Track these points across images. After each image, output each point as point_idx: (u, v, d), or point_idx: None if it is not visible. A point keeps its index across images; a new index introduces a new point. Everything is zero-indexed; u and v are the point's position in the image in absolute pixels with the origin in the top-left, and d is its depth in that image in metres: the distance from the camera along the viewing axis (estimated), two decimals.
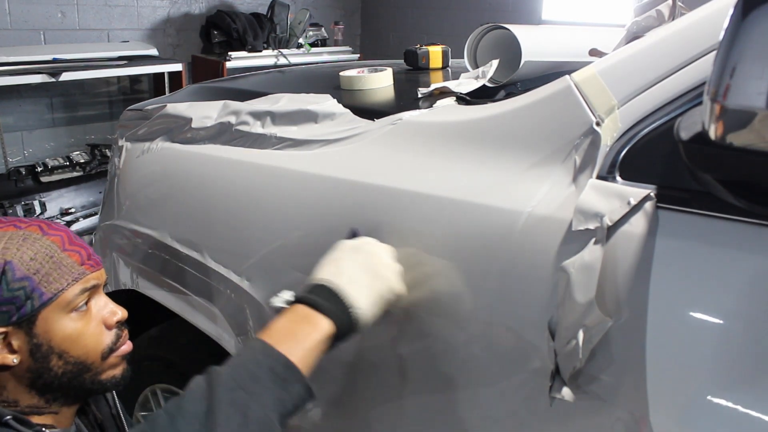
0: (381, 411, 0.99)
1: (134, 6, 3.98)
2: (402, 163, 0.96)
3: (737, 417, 0.64)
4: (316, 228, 1.02)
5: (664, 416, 0.69)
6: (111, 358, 0.88)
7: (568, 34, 1.47)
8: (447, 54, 1.61)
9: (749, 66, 0.57)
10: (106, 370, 0.88)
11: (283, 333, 0.79)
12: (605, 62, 0.81)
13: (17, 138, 3.48)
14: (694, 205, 0.70)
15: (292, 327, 0.80)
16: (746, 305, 0.66)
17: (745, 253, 0.67)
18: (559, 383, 0.74)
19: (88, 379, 0.86)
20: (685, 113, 0.71)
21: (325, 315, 0.81)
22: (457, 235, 0.86)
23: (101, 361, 0.86)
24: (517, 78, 1.19)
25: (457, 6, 4.46)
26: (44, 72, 2.98)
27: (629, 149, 0.75)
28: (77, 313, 0.84)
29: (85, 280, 0.85)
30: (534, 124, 0.85)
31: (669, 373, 0.69)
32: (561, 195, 0.79)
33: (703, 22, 0.76)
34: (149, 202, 1.35)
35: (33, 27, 3.57)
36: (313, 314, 0.81)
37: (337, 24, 4.72)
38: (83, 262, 0.85)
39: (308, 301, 0.82)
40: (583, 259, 0.72)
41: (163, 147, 1.32)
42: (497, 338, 0.83)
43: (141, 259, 1.35)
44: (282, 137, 1.12)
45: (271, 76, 1.73)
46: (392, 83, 1.35)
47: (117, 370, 0.89)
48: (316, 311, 0.81)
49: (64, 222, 3.10)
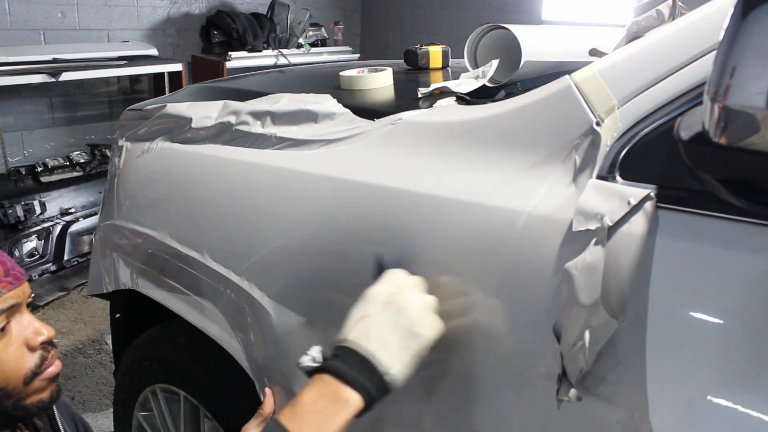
0: (381, 414, 0.99)
1: (134, 6, 3.98)
2: (402, 163, 0.96)
3: (737, 417, 0.64)
4: (316, 228, 1.02)
5: (664, 416, 0.69)
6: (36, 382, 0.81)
7: (568, 34, 1.47)
8: (447, 54, 1.61)
9: (749, 66, 0.57)
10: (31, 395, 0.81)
11: (308, 413, 0.73)
12: (605, 62, 0.81)
13: (17, 138, 3.48)
14: (694, 205, 0.69)
15: (320, 407, 0.74)
16: (746, 305, 0.66)
17: (745, 253, 0.67)
18: (566, 386, 0.74)
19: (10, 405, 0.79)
20: (685, 113, 0.71)
21: (354, 389, 0.75)
22: (457, 234, 0.86)
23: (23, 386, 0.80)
24: (517, 78, 1.19)
25: (457, 6, 4.46)
26: (44, 72, 2.99)
27: (629, 149, 0.75)
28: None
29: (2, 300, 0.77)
30: (534, 124, 0.85)
31: (669, 373, 0.69)
32: (561, 195, 0.79)
33: (703, 22, 0.76)
34: (149, 202, 1.35)
35: (33, 27, 3.57)
36: (343, 389, 0.75)
37: (337, 24, 4.72)
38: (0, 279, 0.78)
39: (338, 371, 0.76)
40: (586, 261, 0.72)
41: (163, 147, 1.32)
42: (497, 339, 0.83)
43: (141, 259, 1.35)
44: (282, 137, 1.11)
45: (271, 76, 1.73)
46: (392, 83, 1.35)
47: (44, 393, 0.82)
48: (346, 385, 0.75)
49: (64, 222, 3.10)
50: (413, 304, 0.80)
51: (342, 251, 0.99)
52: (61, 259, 3.09)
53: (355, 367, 0.75)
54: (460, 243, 0.85)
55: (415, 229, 0.90)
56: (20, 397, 0.80)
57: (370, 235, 0.95)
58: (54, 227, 3.07)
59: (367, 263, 0.95)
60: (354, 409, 0.75)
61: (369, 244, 0.95)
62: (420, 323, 0.79)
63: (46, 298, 2.97)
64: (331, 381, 0.75)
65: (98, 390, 2.39)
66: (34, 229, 2.99)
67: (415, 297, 0.81)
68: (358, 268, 0.96)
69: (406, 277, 0.84)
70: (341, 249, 0.99)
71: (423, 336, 0.79)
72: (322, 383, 0.76)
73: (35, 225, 3.00)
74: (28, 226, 2.96)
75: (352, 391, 0.75)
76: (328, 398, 0.74)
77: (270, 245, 1.08)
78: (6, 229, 2.88)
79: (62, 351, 2.56)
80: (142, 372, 1.46)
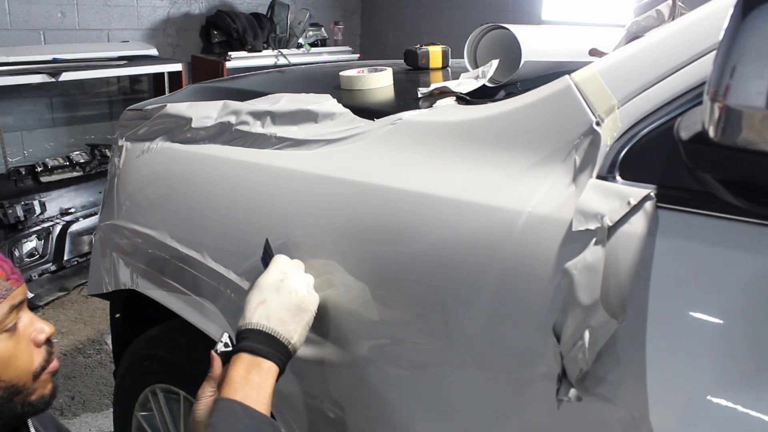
0: (381, 415, 0.99)
1: (134, 6, 3.98)
2: (402, 163, 0.96)
3: (737, 417, 0.64)
4: (316, 228, 1.02)
5: (664, 416, 0.69)
6: (42, 376, 0.84)
7: (568, 34, 1.47)
8: (447, 54, 1.61)
9: (749, 66, 0.57)
10: (38, 389, 0.85)
11: (245, 385, 0.87)
12: (605, 62, 0.81)
13: (17, 138, 3.48)
14: (694, 205, 0.69)
15: (249, 378, 0.88)
16: (746, 305, 0.66)
17: (745, 253, 0.67)
18: (566, 386, 0.74)
19: (18, 402, 0.82)
20: (685, 113, 0.71)
21: (269, 359, 0.90)
22: (457, 234, 0.86)
23: (32, 381, 0.83)
24: (517, 78, 1.19)
25: (457, 6, 4.46)
26: (44, 72, 2.99)
27: (629, 149, 0.75)
28: (6, 334, 0.80)
29: (12, 297, 0.80)
30: (534, 124, 0.85)
31: (669, 373, 0.69)
32: (561, 195, 0.79)
33: (703, 22, 0.76)
34: (149, 202, 1.35)
35: (33, 27, 3.57)
36: (262, 361, 0.90)
37: (337, 24, 4.72)
38: (8, 276, 0.81)
39: (252, 349, 0.90)
40: (586, 260, 0.72)
41: (163, 147, 1.32)
42: (497, 338, 0.83)
43: (141, 259, 1.35)
44: (282, 137, 1.11)
45: (271, 76, 1.73)
46: (392, 83, 1.35)
47: (47, 388, 0.86)
48: (263, 357, 0.90)
49: (64, 222, 3.10)
50: (299, 287, 0.96)
51: (342, 251, 0.99)
52: (61, 259, 3.09)
53: (264, 343, 0.91)
54: (459, 243, 0.85)
55: (414, 229, 0.90)
56: (28, 392, 0.83)
57: (370, 235, 0.95)
58: (54, 227, 3.07)
59: (367, 263, 0.95)
60: (275, 374, 0.91)
61: (369, 244, 0.95)
62: (306, 300, 0.96)
63: (46, 298, 2.97)
64: (250, 357, 0.90)
65: (98, 390, 2.39)
66: (34, 229, 2.99)
67: (300, 280, 0.97)
68: (358, 268, 0.96)
69: (289, 262, 1.00)
70: (341, 249, 0.99)
71: (310, 310, 0.96)
72: (244, 361, 0.90)
73: (35, 225, 3.00)
74: (28, 226, 2.96)
75: (269, 362, 0.90)
76: (254, 370, 0.89)
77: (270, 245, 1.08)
78: (6, 229, 2.88)
79: (62, 351, 2.56)
80: (142, 372, 1.46)
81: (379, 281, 0.94)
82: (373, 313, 0.96)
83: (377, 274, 0.94)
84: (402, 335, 0.94)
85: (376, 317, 0.96)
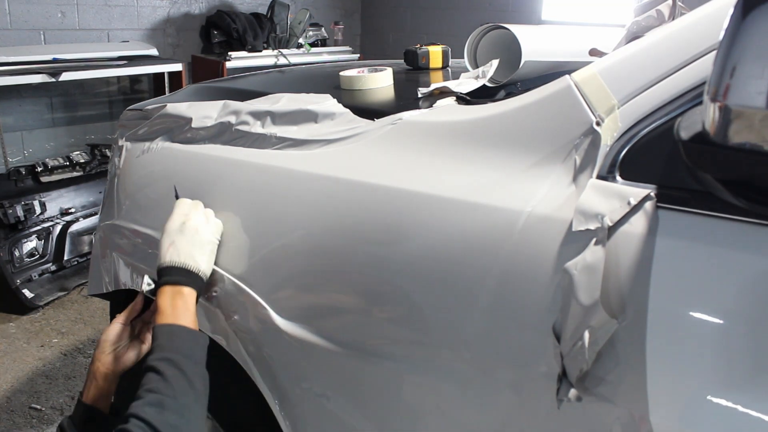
0: (381, 415, 0.99)
1: (134, 6, 3.98)
2: (402, 163, 0.96)
3: (737, 417, 0.64)
4: (316, 228, 1.02)
5: (664, 416, 0.69)
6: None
7: (568, 34, 1.47)
8: (447, 54, 1.61)
9: (749, 66, 0.57)
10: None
11: (173, 310, 1.03)
12: (605, 62, 0.81)
13: (17, 138, 3.48)
14: (694, 205, 0.69)
15: (177, 304, 1.04)
16: (746, 305, 0.66)
17: (745, 253, 0.67)
18: (566, 386, 0.74)
19: None
20: (685, 113, 0.71)
21: (187, 286, 1.06)
22: (457, 234, 0.86)
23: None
24: (517, 78, 1.19)
25: (457, 6, 4.46)
26: (44, 72, 2.98)
27: (629, 149, 0.75)
28: None
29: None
30: (534, 124, 0.85)
31: (669, 373, 0.69)
32: (561, 195, 0.79)
33: (703, 22, 0.76)
34: (149, 202, 1.35)
35: (33, 27, 3.57)
36: (182, 289, 1.06)
37: (337, 24, 4.73)
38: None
39: (172, 281, 1.06)
40: (586, 260, 0.72)
41: (163, 147, 1.32)
42: (497, 338, 0.83)
43: (141, 259, 1.35)
44: (282, 137, 1.12)
45: (271, 76, 1.73)
46: (392, 83, 1.35)
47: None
48: (181, 286, 1.06)
49: (64, 222, 3.10)
50: (199, 225, 1.12)
51: (342, 251, 0.99)
52: (61, 259, 3.09)
53: (180, 275, 1.07)
54: (460, 243, 0.85)
55: (415, 229, 0.90)
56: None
57: (370, 235, 0.95)
58: (54, 227, 3.07)
59: (367, 263, 0.95)
60: (195, 297, 1.07)
61: (369, 244, 0.95)
62: (208, 233, 1.12)
63: (46, 298, 2.97)
64: (170, 288, 1.06)
65: None
66: (34, 229, 2.99)
67: (199, 218, 1.13)
68: (359, 268, 0.96)
69: (189, 204, 1.15)
70: (341, 249, 0.99)
71: (212, 241, 1.12)
72: (167, 293, 1.05)
73: (35, 225, 3.00)
74: (28, 226, 2.96)
75: (187, 287, 1.06)
76: (177, 296, 1.05)
77: (270, 245, 1.08)
78: (6, 229, 2.88)
79: (62, 351, 2.56)
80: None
81: (379, 281, 0.94)
82: (373, 313, 0.96)
83: (377, 274, 0.94)
84: (402, 335, 0.94)
85: (375, 317, 0.96)
